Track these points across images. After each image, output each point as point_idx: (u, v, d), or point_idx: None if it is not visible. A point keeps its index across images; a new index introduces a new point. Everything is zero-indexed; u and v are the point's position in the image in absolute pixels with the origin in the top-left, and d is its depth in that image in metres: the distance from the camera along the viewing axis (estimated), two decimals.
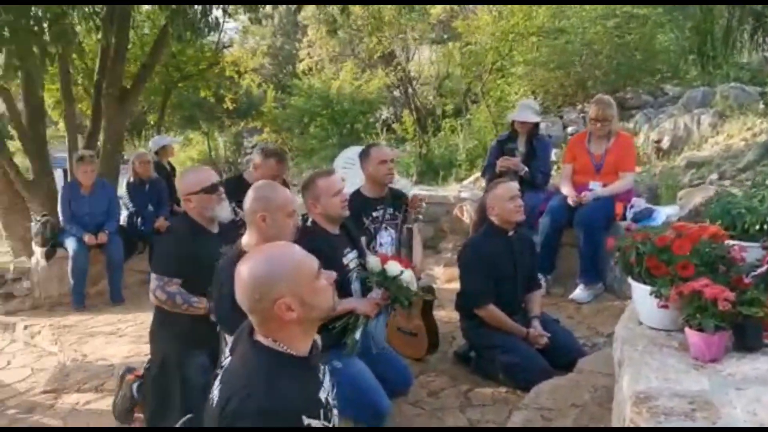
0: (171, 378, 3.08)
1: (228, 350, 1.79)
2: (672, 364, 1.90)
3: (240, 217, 3.32)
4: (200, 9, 7.21)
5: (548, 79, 9.65)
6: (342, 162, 6.66)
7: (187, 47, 11.35)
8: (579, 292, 4.63)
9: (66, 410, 3.95)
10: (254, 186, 2.78)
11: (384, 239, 3.97)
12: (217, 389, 1.63)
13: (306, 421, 1.56)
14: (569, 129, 8.48)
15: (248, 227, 2.73)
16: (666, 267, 2.13)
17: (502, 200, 3.60)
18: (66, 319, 5.59)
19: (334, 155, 7.94)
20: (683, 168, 6.06)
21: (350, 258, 3.32)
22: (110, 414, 3.55)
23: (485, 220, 3.71)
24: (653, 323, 2.19)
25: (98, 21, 6.67)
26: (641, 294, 2.19)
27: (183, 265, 3.05)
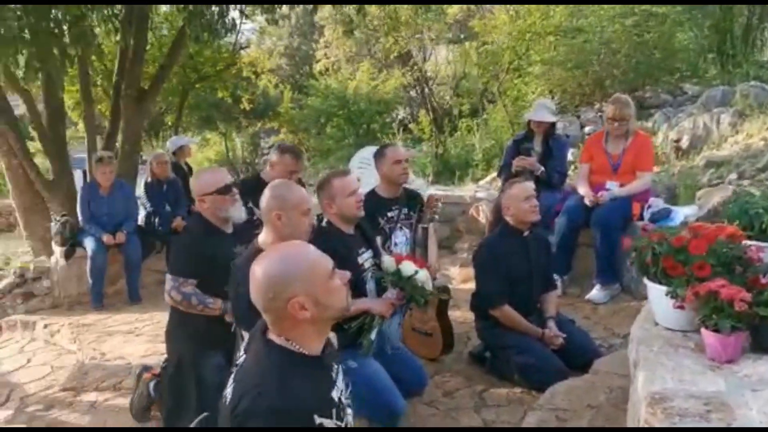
0: (187, 378, 3.11)
1: (243, 349, 1.80)
2: (687, 365, 1.88)
3: (257, 217, 3.35)
4: (217, 10, 7.26)
5: (566, 79, 9.61)
6: (357, 162, 6.67)
7: (205, 48, 11.46)
8: (595, 293, 4.61)
9: (85, 408, 3.99)
10: (270, 185, 2.80)
11: (399, 239, 3.97)
12: (231, 387, 1.64)
13: (318, 420, 1.56)
14: (587, 128, 8.43)
15: (265, 226, 2.77)
16: (682, 267, 2.11)
17: (518, 200, 3.58)
18: (85, 318, 5.64)
19: (351, 155, 7.94)
20: (702, 168, 6.00)
21: (365, 258, 3.32)
22: (128, 412, 3.59)
23: (500, 220, 3.70)
24: (669, 324, 2.17)
25: (117, 23, 6.73)
26: (657, 294, 2.18)
27: (198, 266, 3.07)
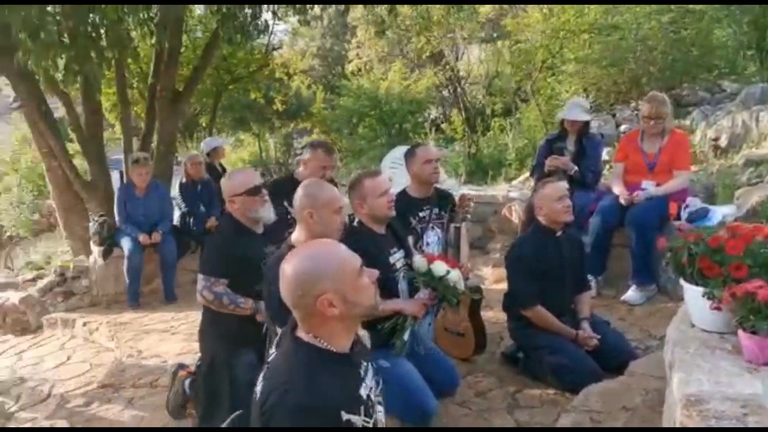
0: (220, 377, 3.14)
1: (274, 346, 1.82)
2: (724, 367, 1.84)
3: (291, 216, 3.38)
4: (250, 12, 7.35)
5: (601, 77, 9.47)
6: (389, 162, 6.67)
7: (238, 50, 11.61)
8: (631, 294, 4.53)
9: (122, 404, 4.07)
10: (303, 184, 2.84)
11: (430, 239, 3.97)
12: (260, 385, 1.66)
13: (345, 417, 1.57)
14: (622, 127, 8.30)
15: (298, 224, 2.80)
16: (719, 268, 2.06)
17: (550, 200, 3.54)
18: (122, 317, 5.76)
19: (383, 155, 7.96)
20: (741, 166, 5.86)
21: (397, 258, 3.33)
22: (164, 409, 3.64)
23: (533, 221, 3.67)
24: (705, 325, 2.12)
25: (152, 26, 6.86)
26: (693, 295, 2.13)
27: (229, 266, 3.11)
